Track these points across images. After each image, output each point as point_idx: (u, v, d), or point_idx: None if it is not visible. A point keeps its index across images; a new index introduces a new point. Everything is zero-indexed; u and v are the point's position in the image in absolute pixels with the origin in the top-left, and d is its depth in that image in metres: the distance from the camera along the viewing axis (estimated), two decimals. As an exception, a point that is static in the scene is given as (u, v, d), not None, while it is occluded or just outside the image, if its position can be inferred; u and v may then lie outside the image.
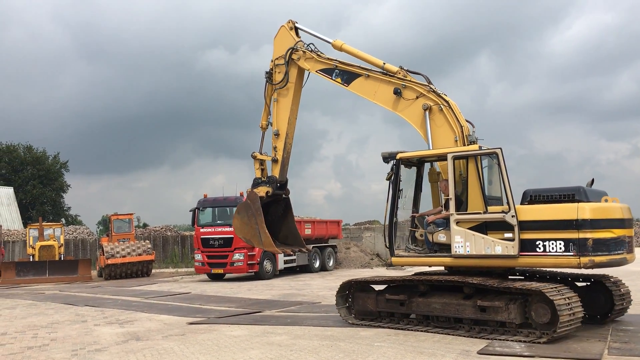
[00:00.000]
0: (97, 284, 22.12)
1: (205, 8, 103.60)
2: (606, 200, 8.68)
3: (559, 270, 9.45)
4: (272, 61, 11.61)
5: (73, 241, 35.91)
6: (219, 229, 21.10)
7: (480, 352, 7.37)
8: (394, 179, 9.63)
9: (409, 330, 9.10)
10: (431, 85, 9.95)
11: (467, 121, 9.62)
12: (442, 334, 8.68)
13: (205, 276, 22.87)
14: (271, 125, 11.54)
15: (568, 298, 7.92)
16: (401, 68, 10.27)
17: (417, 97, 9.91)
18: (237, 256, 20.69)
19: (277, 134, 11.39)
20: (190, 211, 21.88)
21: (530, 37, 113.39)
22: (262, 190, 11.28)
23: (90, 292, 18.46)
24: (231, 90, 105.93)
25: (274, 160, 11.40)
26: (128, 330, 10.16)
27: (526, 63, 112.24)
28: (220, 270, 21.47)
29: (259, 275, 21.18)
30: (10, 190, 51.42)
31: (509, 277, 9.12)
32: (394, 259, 9.74)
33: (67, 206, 62.37)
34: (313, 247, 24.09)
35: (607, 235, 8.13)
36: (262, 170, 11.60)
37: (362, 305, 10.02)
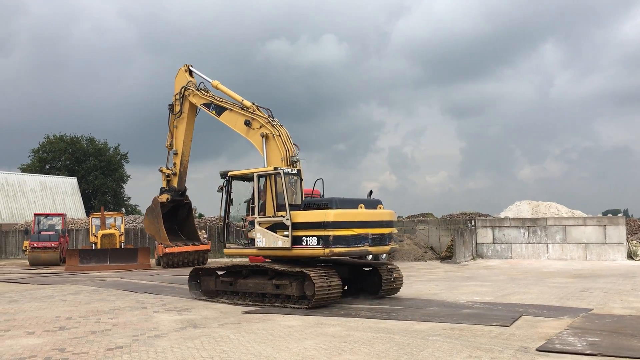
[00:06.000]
0: (155, 272, 22.72)
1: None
2: (361, 208, 11.41)
3: (359, 260, 13.27)
4: (174, 96, 14.94)
5: (133, 230, 36.97)
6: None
7: (539, 349, 7.18)
8: (226, 190, 12.56)
9: (236, 304, 11.88)
10: (269, 118, 12.65)
11: (294, 144, 12.45)
12: (254, 303, 11.69)
13: (259, 266, 23.11)
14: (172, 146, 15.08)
15: (326, 276, 10.87)
16: (253, 104, 13.04)
17: (260, 127, 12.65)
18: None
19: (175, 153, 14.88)
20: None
21: (599, 23, 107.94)
22: (163, 197, 14.67)
23: (149, 279, 18.99)
24: (290, 82, 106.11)
25: (174, 174, 14.92)
26: (186, 318, 10.42)
27: (594, 51, 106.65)
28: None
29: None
30: (74, 181, 53.55)
31: (317, 264, 11.68)
32: (225, 250, 12.76)
33: (127, 196, 64.51)
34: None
35: (347, 233, 10.92)
36: (168, 181, 14.94)
37: (206, 285, 13.03)
